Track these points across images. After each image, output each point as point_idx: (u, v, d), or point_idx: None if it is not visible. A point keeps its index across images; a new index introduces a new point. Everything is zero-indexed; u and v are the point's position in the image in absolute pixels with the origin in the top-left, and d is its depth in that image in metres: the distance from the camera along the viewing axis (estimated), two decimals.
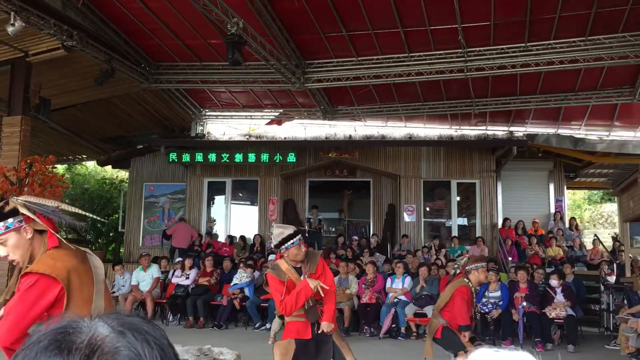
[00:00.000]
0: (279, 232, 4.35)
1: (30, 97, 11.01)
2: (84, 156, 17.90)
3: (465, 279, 5.59)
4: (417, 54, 10.98)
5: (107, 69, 10.92)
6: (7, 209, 2.63)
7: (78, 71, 11.42)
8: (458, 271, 5.88)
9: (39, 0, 9.30)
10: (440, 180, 14.83)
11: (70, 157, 17.76)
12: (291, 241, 4.28)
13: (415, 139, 14.83)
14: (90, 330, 0.67)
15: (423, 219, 14.71)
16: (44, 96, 11.40)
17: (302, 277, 4.31)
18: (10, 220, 2.62)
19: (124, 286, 11.55)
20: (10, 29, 8.60)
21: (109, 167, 18.97)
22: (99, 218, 8.24)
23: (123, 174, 19.48)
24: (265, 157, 14.47)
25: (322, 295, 4.25)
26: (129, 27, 10.99)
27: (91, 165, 20.49)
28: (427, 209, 15.03)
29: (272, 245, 4.46)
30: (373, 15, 9.88)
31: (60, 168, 17.73)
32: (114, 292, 11.60)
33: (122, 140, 15.99)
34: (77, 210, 2.82)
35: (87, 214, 3.35)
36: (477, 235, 13.90)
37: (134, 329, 0.68)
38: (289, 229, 4.37)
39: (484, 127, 14.85)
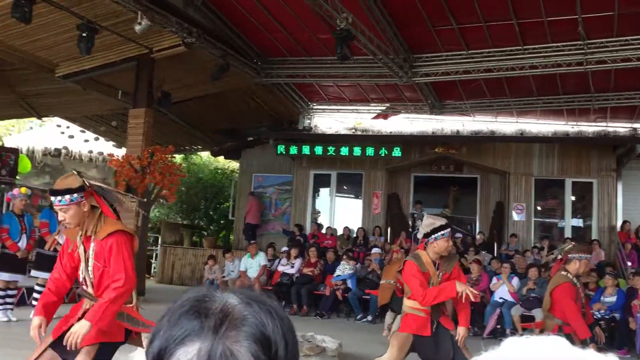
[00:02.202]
0: (429, 222, 4.34)
1: (153, 91, 11.80)
2: (199, 147, 18.86)
3: (563, 271, 5.09)
4: (532, 46, 10.52)
5: (223, 64, 11.45)
6: (75, 185, 3.38)
7: (196, 66, 12.06)
8: (559, 256, 5.37)
9: None
10: (554, 178, 14.16)
11: (187, 148, 18.79)
12: (441, 232, 4.26)
13: (527, 135, 14.23)
14: (222, 299, 0.78)
15: (533, 218, 14.13)
16: (165, 90, 12.19)
17: (438, 273, 4.29)
18: (75, 195, 3.37)
19: (233, 272, 12.12)
20: (137, 27, 9.27)
21: (221, 158, 19.89)
22: (134, 197, 9.17)
23: (234, 165, 20.33)
24: (370, 151, 14.52)
25: (472, 299, 4.15)
26: (243, 23, 11.46)
27: (205, 155, 21.56)
28: (539, 208, 14.41)
29: (421, 234, 4.46)
30: (485, 7, 9.60)
31: (178, 157, 18.83)
32: (223, 277, 12.20)
33: (234, 132, 16.68)
34: (125, 194, 4.07)
35: (129, 194, 4.84)
36: (592, 238, 13.14)
37: (259, 300, 0.79)
38: (441, 220, 4.36)
39: (604, 124, 13.95)
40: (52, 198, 3.41)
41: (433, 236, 4.27)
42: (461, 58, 11.17)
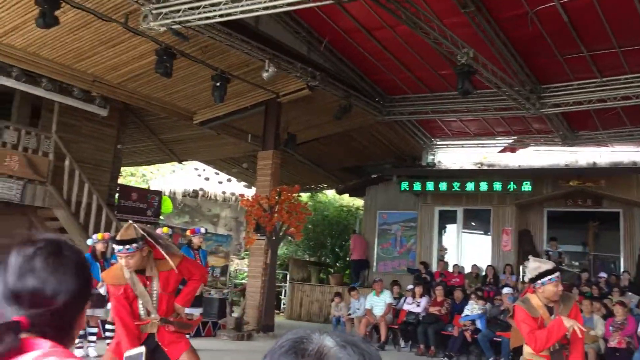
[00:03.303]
0: (535, 265, 4.17)
1: (280, 133, 12.37)
2: (324, 185, 19.33)
3: None
4: None
5: (345, 104, 11.76)
6: (137, 235, 3.98)
7: (320, 108, 12.50)
8: None
9: (287, 47, 10.51)
10: None
11: (312, 186, 19.33)
12: (549, 277, 4.04)
13: None
14: (319, 341, 0.83)
15: None
16: (291, 132, 12.73)
17: (552, 317, 4.09)
18: (140, 242, 3.98)
19: (358, 309, 12.13)
20: (265, 75, 9.84)
21: (346, 195, 20.20)
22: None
23: (359, 202, 20.54)
24: (498, 186, 14.02)
25: (580, 335, 3.93)
26: (364, 64, 11.73)
27: (331, 193, 22.01)
28: None
29: (527, 279, 4.30)
30: (619, 32, 9.05)
31: (304, 196, 19.42)
32: (349, 315, 12.24)
33: (358, 170, 16.93)
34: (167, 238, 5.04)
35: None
36: None
37: (353, 344, 0.83)
38: (548, 264, 4.17)
39: None
40: (119, 247, 3.95)
41: (540, 281, 4.04)
42: (594, 86, 10.56)
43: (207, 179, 18.10)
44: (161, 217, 15.25)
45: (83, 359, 7.96)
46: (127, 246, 3.93)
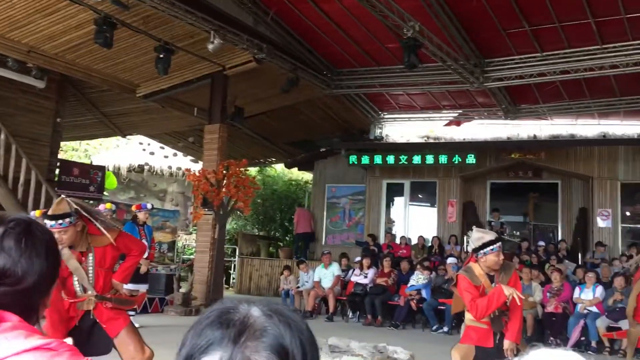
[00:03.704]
0: (478, 236, 4.27)
1: (227, 106, 12.19)
2: (273, 159, 19.26)
3: None
4: (612, 45, 10.06)
5: (293, 77, 11.67)
6: (70, 209, 3.86)
7: (267, 81, 12.36)
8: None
9: (233, 18, 10.30)
10: None
11: (261, 160, 19.23)
12: (490, 247, 4.17)
13: (610, 137, 13.55)
14: (245, 311, 0.82)
15: (621, 225, 13.39)
16: (238, 105, 12.56)
17: (493, 285, 4.22)
18: (72, 217, 3.86)
19: (307, 282, 12.24)
20: (210, 46, 9.63)
21: (295, 170, 20.20)
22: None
23: (308, 176, 20.59)
24: (443, 158, 14.30)
25: (518, 303, 4.09)
26: (312, 36, 11.64)
27: (279, 167, 21.96)
28: (627, 213, 13.66)
29: (470, 249, 4.41)
30: (559, 7, 9.28)
31: (253, 170, 19.31)
32: (298, 287, 12.35)
33: (306, 144, 16.93)
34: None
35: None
36: None
37: (279, 313, 0.83)
38: (490, 235, 4.29)
39: None
40: (51, 222, 3.79)
41: (482, 251, 4.17)
42: (535, 60, 10.83)
43: (152, 153, 17.72)
44: (105, 193, 14.86)
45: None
46: (60, 221, 3.81)
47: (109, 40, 9.02)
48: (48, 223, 3.80)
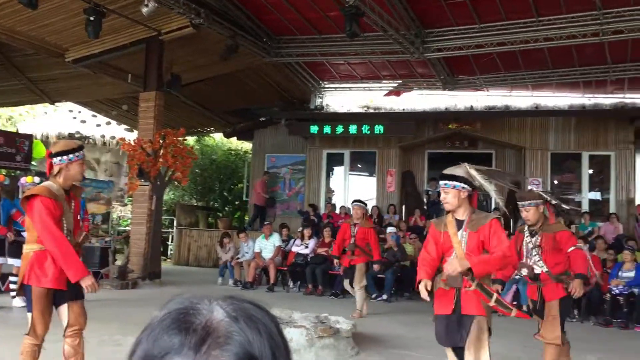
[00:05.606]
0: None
1: (163, 73, 11.75)
2: (211, 128, 18.85)
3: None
4: (546, 18, 10.29)
5: (232, 44, 11.34)
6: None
7: (205, 48, 11.98)
8: None
9: None
10: (570, 152, 13.93)
11: (199, 130, 18.79)
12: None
13: (542, 108, 13.99)
14: (207, 313, 0.71)
15: None
16: (175, 72, 12.13)
17: (459, 232, 3.96)
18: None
19: (247, 253, 12.14)
20: (144, 10, 9.20)
21: (234, 139, 19.87)
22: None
23: (247, 145, 20.31)
24: (382, 128, 14.38)
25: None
26: (251, 2, 11.32)
27: (218, 137, 21.55)
28: (555, 182, 14.23)
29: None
30: None
31: (191, 140, 18.84)
32: (238, 258, 12.24)
33: (246, 113, 16.63)
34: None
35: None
36: (610, 212, 12.96)
37: (246, 315, 0.72)
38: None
39: (621, 95, 13.67)
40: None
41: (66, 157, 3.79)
42: (474, 32, 10.95)
43: (83, 121, 16.97)
44: (33, 163, 14.14)
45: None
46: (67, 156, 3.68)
47: (34, 0, 8.45)
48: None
